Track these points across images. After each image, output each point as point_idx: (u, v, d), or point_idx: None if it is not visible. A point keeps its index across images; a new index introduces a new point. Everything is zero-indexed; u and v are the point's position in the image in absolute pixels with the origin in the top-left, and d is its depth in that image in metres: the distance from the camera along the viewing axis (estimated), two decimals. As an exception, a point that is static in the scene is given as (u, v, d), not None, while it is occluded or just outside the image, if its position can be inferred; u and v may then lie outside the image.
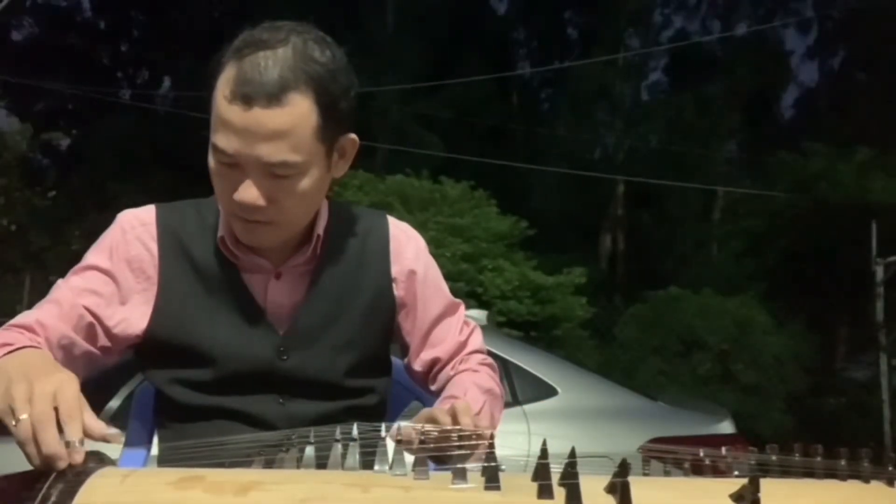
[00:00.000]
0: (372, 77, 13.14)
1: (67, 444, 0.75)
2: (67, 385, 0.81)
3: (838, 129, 16.08)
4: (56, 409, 0.78)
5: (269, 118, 0.99)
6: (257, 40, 1.01)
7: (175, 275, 1.13)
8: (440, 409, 0.99)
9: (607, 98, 19.49)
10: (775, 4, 21.51)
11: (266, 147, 1.00)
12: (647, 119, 20.40)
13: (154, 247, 1.14)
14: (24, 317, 1.08)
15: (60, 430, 0.77)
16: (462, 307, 1.30)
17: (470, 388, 1.16)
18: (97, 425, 0.79)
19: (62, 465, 0.74)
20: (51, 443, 0.75)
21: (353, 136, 1.11)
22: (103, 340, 1.11)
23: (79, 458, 0.75)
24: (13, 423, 0.79)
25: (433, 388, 1.25)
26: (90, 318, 1.09)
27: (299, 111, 1.00)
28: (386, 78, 14.09)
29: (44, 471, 0.73)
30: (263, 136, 0.99)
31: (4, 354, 0.96)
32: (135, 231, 1.14)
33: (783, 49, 21.86)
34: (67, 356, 1.06)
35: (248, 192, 1.03)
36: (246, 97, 0.98)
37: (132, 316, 1.12)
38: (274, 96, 0.98)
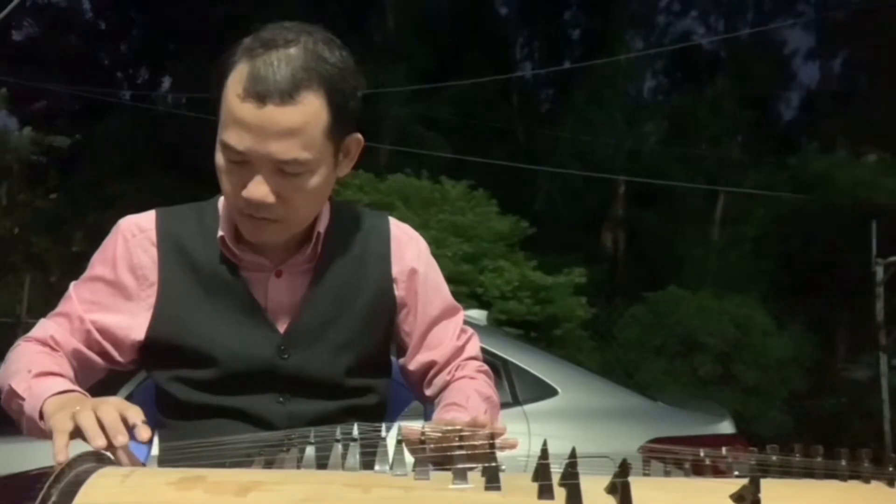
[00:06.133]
0: (373, 78, 13.12)
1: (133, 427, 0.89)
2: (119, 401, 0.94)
3: (839, 130, 16.07)
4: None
5: (283, 115, 1.00)
6: (268, 40, 1.03)
7: (175, 276, 1.14)
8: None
9: (609, 98, 19.45)
10: (778, 5, 21.48)
11: (278, 144, 1.01)
12: (649, 119, 20.36)
13: (154, 251, 1.15)
14: (41, 329, 1.13)
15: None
16: (461, 312, 1.30)
17: (471, 395, 1.16)
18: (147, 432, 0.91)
19: (123, 440, 0.86)
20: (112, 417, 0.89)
21: (359, 135, 1.13)
22: (113, 351, 1.14)
23: (146, 435, 0.89)
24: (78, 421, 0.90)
25: (428, 392, 1.25)
26: (98, 334, 1.13)
27: (311, 109, 1.02)
28: (387, 79, 14.05)
29: (104, 446, 0.85)
30: (276, 133, 1.00)
31: (36, 376, 1.04)
32: (136, 238, 1.16)
33: (785, 50, 21.83)
34: (83, 367, 1.12)
35: (258, 190, 1.04)
36: (259, 95, 0.99)
37: (135, 323, 1.14)
38: (287, 94, 1.00)
